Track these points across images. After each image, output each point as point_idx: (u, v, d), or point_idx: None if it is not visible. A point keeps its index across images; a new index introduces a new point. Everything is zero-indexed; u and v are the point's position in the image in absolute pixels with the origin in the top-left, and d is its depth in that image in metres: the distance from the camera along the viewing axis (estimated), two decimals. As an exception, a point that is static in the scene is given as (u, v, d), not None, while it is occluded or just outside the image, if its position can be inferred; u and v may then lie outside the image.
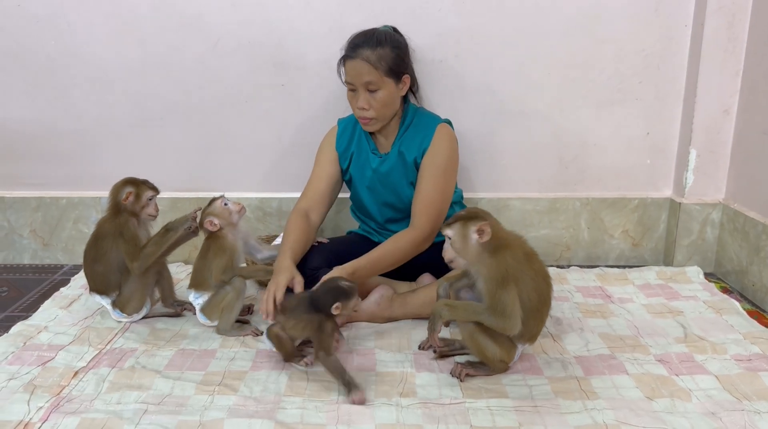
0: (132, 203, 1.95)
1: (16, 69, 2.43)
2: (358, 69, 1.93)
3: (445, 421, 1.50)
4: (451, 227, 1.62)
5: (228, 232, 1.94)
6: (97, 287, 2.00)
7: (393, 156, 2.07)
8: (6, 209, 2.58)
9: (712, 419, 1.49)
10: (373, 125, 2.03)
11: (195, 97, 2.46)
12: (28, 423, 1.50)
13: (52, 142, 2.52)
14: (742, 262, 2.30)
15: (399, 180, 2.07)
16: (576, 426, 1.48)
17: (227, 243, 1.93)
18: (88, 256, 1.99)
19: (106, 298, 2.01)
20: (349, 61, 1.95)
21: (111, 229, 1.95)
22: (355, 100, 1.99)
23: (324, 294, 1.70)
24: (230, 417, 1.52)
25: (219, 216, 1.91)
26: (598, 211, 2.54)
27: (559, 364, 1.76)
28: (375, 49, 1.93)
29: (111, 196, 1.97)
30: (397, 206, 2.12)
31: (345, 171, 2.16)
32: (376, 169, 2.09)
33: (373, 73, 1.92)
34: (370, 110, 1.98)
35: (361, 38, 1.97)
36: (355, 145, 2.13)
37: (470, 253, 1.61)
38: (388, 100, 1.98)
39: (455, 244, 1.61)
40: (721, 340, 1.87)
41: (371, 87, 1.94)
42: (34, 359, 1.79)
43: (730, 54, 2.30)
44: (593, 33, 2.37)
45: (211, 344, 1.89)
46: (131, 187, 1.96)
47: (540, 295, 1.62)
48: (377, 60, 1.92)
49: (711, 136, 2.38)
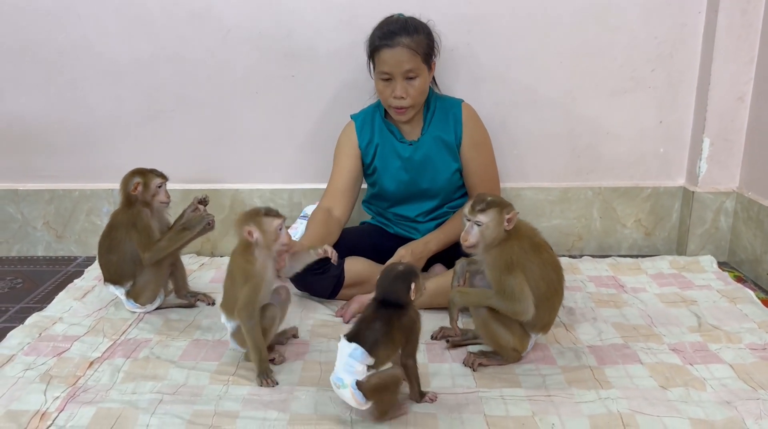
0: (142, 193, 1.96)
1: (28, 63, 2.44)
2: (399, 57, 1.93)
3: (459, 410, 1.51)
4: (487, 214, 1.58)
5: (261, 255, 1.65)
6: (112, 277, 2.01)
7: (427, 141, 2.09)
8: (19, 202, 2.59)
9: (727, 408, 1.49)
10: (408, 114, 2.04)
11: (205, 89, 2.46)
12: (45, 413, 1.51)
13: (64, 134, 2.53)
14: (756, 251, 2.28)
15: (440, 163, 2.09)
16: (590, 415, 1.48)
17: (254, 269, 1.64)
18: (103, 247, 2.01)
19: (120, 288, 2.02)
20: (386, 49, 1.94)
21: (124, 219, 1.96)
22: (389, 90, 1.99)
23: (392, 284, 1.48)
24: (245, 407, 1.53)
25: (263, 232, 1.64)
26: (611, 200, 2.53)
27: (573, 354, 1.76)
28: (413, 36, 1.94)
29: (122, 188, 1.98)
30: (430, 191, 2.12)
31: (369, 164, 2.16)
32: (410, 157, 2.10)
33: (414, 60, 1.94)
34: (408, 98, 1.98)
35: (395, 26, 1.96)
36: (378, 136, 2.13)
37: (496, 240, 1.59)
38: (424, 87, 2.00)
39: (487, 229, 1.58)
40: (735, 330, 1.86)
41: (411, 74, 1.96)
42: (50, 350, 1.81)
43: (743, 41, 2.27)
44: (605, 21, 2.35)
45: (225, 335, 1.90)
46: (138, 177, 1.96)
47: (549, 285, 1.62)
48: (416, 47, 1.94)
49: (725, 124, 2.36)
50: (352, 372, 1.40)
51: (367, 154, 2.14)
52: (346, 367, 1.40)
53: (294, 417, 1.49)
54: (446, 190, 2.12)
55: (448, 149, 2.09)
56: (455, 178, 2.12)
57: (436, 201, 2.14)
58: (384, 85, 2.00)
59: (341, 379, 1.41)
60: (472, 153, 2.10)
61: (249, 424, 1.46)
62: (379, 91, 2.03)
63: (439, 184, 2.11)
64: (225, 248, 2.60)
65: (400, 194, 2.15)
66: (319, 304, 2.10)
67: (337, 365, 1.43)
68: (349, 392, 1.40)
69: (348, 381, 1.40)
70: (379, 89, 2.03)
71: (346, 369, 1.40)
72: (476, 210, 1.58)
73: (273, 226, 1.65)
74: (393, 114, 2.06)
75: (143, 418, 1.48)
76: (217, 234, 2.58)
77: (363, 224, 2.32)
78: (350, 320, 1.97)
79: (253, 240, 1.63)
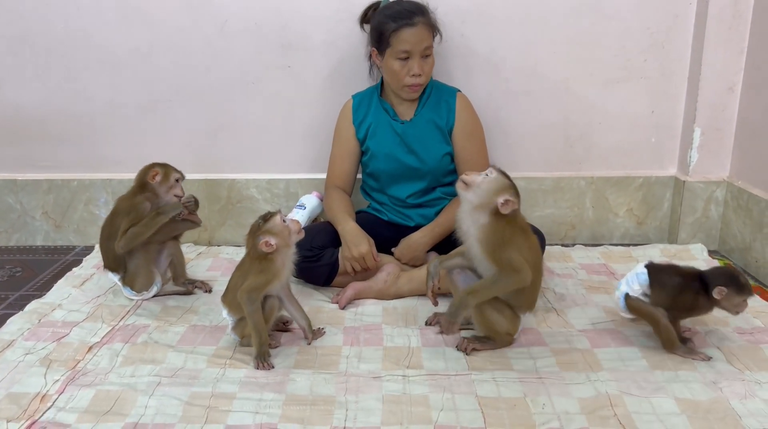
0: (159, 183, 1.99)
1: (26, 52, 2.46)
2: (421, 35, 2.03)
3: (451, 390, 1.54)
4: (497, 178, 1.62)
5: (280, 254, 1.68)
6: (110, 264, 2.04)
7: (421, 122, 2.16)
8: (18, 191, 2.61)
9: (713, 388, 1.52)
10: (419, 91, 2.14)
11: (202, 79, 2.48)
12: (45, 395, 1.54)
13: (63, 124, 2.55)
14: (746, 239, 2.32)
15: (431, 143, 2.15)
16: (579, 397, 1.51)
17: (274, 267, 1.67)
18: (104, 233, 2.03)
19: (117, 275, 2.05)
20: (408, 28, 2.02)
21: (125, 206, 1.99)
22: (406, 69, 2.06)
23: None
24: (242, 389, 1.56)
25: (277, 235, 1.66)
26: (603, 189, 2.56)
27: (564, 338, 1.79)
28: (426, 14, 2.07)
29: (138, 177, 2.02)
30: (420, 171, 2.17)
31: (362, 141, 2.23)
32: (402, 133, 2.16)
33: (430, 38, 2.07)
34: (423, 76, 2.09)
35: (409, 6, 2.06)
36: (373, 115, 2.20)
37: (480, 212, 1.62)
38: (433, 64, 2.11)
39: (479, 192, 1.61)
40: (723, 314, 1.89)
41: (427, 52, 2.07)
42: (49, 335, 1.83)
43: (734, 31, 2.30)
44: (599, 10, 2.37)
45: (222, 321, 1.92)
46: (159, 167, 2.01)
47: (534, 265, 1.66)
48: (432, 24, 2.08)
49: (715, 113, 2.39)
50: (629, 286, 1.71)
51: (361, 130, 2.21)
52: (629, 279, 1.71)
53: (290, 398, 1.52)
54: (436, 171, 2.17)
55: (439, 132, 2.15)
56: (445, 160, 2.16)
57: (425, 182, 2.18)
58: (401, 64, 2.06)
59: (620, 284, 1.74)
60: (464, 142, 2.16)
61: (245, 405, 1.50)
62: (395, 72, 2.07)
63: (429, 164, 2.15)
64: (222, 238, 2.63)
65: (390, 172, 2.20)
66: (315, 291, 2.13)
67: (627, 274, 1.74)
68: (617, 297, 1.73)
69: (622, 289, 1.72)
70: (394, 69, 2.07)
71: (628, 281, 1.71)
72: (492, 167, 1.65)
73: (278, 224, 1.67)
74: (405, 93, 2.13)
75: (142, 400, 1.52)
76: (214, 223, 2.60)
77: (359, 213, 2.35)
78: (346, 306, 2.00)
79: (274, 247, 1.65)
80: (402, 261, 2.13)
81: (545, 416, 1.45)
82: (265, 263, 1.67)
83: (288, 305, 1.78)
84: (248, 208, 2.60)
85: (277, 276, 1.68)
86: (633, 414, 1.44)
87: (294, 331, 1.86)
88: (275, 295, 1.73)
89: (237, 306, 1.70)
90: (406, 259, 2.13)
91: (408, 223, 2.21)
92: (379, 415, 1.46)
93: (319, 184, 2.52)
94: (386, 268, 2.08)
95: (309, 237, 2.02)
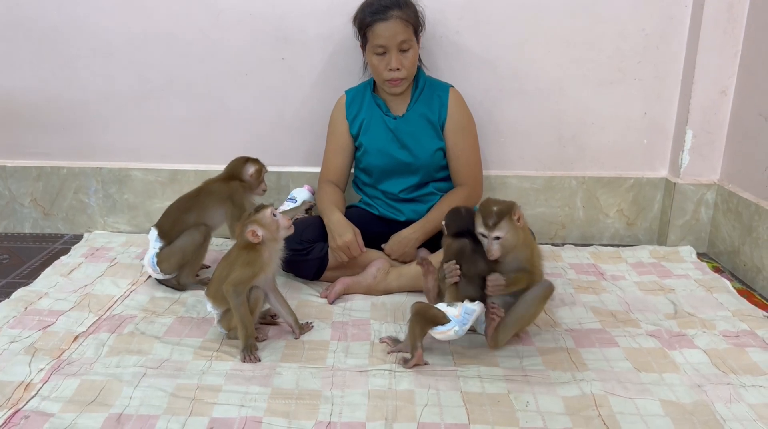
0: (255, 179, 2.12)
1: (20, 39, 2.44)
2: (394, 29, 2.02)
3: (436, 386, 1.54)
4: (501, 226, 1.60)
5: (267, 247, 1.70)
6: (167, 231, 2.04)
7: (413, 117, 2.16)
8: (7, 178, 2.60)
9: (697, 391, 1.53)
10: (402, 86, 2.12)
11: (196, 70, 2.47)
12: (29, 384, 1.54)
13: (54, 112, 2.53)
14: (735, 243, 2.33)
15: (424, 138, 2.15)
16: (564, 396, 1.51)
17: (260, 260, 1.69)
18: (182, 204, 2.07)
19: (161, 242, 2.03)
20: (381, 23, 2.02)
21: (222, 190, 2.08)
22: (384, 63, 2.06)
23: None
24: (227, 382, 1.56)
25: (265, 227, 1.69)
26: (594, 190, 2.57)
27: (550, 336, 1.79)
28: (403, 8, 2.04)
29: (231, 168, 2.13)
30: (412, 166, 2.17)
31: (355, 137, 2.22)
32: (395, 128, 2.16)
33: (407, 32, 2.04)
34: (402, 70, 2.07)
35: (386, 1, 2.04)
36: (366, 111, 2.20)
37: (519, 241, 1.64)
38: (415, 58, 2.10)
39: (507, 240, 1.62)
40: (710, 317, 1.90)
41: (404, 46, 2.04)
42: (35, 323, 1.83)
43: (729, 35, 2.30)
44: (594, 11, 2.37)
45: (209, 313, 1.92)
46: (256, 165, 2.13)
47: None
48: (408, 18, 2.04)
49: (708, 116, 2.40)
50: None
51: (354, 125, 2.21)
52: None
53: (276, 392, 1.52)
54: (428, 166, 2.16)
55: (432, 127, 2.15)
56: (438, 156, 2.16)
57: (417, 177, 2.18)
58: (378, 59, 2.06)
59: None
60: (456, 137, 2.15)
61: (231, 398, 1.49)
62: (374, 66, 2.09)
63: (421, 159, 2.15)
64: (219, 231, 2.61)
65: (383, 167, 2.19)
66: (304, 285, 2.13)
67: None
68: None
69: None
70: (373, 64, 2.09)
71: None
72: (491, 225, 1.61)
73: (267, 216, 1.69)
74: (387, 87, 2.12)
75: (126, 391, 1.51)
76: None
77: (350, 208, 2.34)
78: (335, 301, 2.00)
79: (260, 238, 1.66)
80: (392, 257, 2.13)
81: (529, 414, 1.45)
82: (252, 255, 1.68)
83: (273, 300, 1.78)
84: (239, 200, 2.59)
85: (263, 269, 1.69)
86: (617, 415, 1.45)
87: (282, 324, 1.85)
88: (260, 287, 1.73)
89: (221, 298, 1.70)
90: (396, 254, 2.13)
91: (399, 217, 2.21)
92: (364, 410, 1.46)
93: (310, 177, 2.51)
94: (375, 264, 2.07)
95: (299, 231, 2.02)
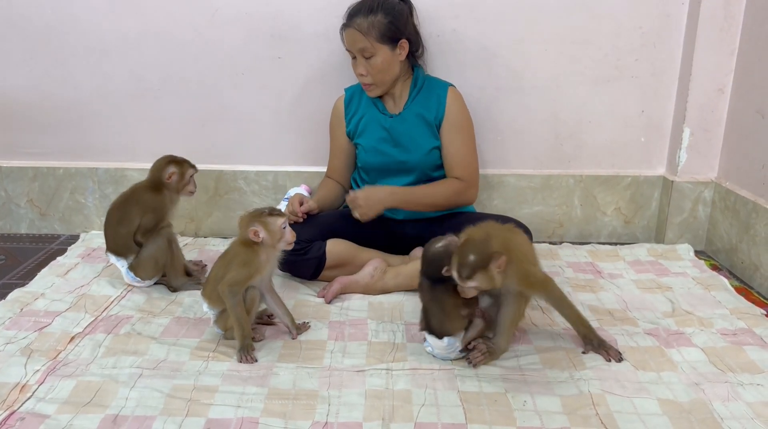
0: (176, 182, 2.03)
1: (14, 38, 2.43)
2: (352, 37, 2.04)
3: (434, 386, 1.54)
4: (475, 279, 1.50)
5: (264, 250, 1.68)
6: (117, 249, 2.04)
7: (410, 116, 2.16)
8: (3, 179, 2.59)
9: (695, 390, 1.53)
10: (374, 90, 2.13)
11: (192, 68, 2.46)
12: (25, 385, 1.53)
13: (50, 111, 2.52)
14: (732, 240, 2.33)
15: (419, 138, 2.15)
16: (561, 395, 1.51)
17: (257, 261, 1.68)
18: (113, 217, 2.03)
19: (123, 260, 2.04)
20: (345, 29, 2.07)
21: (148, 200, 2.01)
22: (355, 67, 2.10)
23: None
24: (224, 382, 1.55)
25: (269, 232, 1.66)
26: (592, 188, 2.56)
27: (548, 336, 1.79)
28: (367, 16, 2.02)
29: (153, 172, 2.04)
30: (407, 165, 2.16)
31: (352, 137, 2.24)
32: (390, 127, 2.16)
33: (365, 41, 2.03)
34: (368, 76, 2.08)
35: (356, 6, 2.07)
36: (364, 109, 2.21)
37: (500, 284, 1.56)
38: (384, 66, 2.07)
39: (483, 286, 1.53)
40: (708, 315, 1.90)
41: (365, 54, 2.05)
42: (31, 324, 1.82)
43: (725, 33, 2.30)
44: (591, 9, 2.37)
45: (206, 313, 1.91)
46: (174, 166, 2.03)
47: None
48: (368, 27, 2.02)
49: (705, 114, 2.39)
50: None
51: (352, 123, 2.22)
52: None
53: (272, 392, 1.52)
54: (423, 165, 2.16)
55: (428, 126, 2.14)
56: (433, 154, 2.15)
57: (413, 176, 2.17)
58: (352, 62, 2.12)
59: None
60: (452, 136, 2.14)
61: (227, 399, 1.49)
62: (352, 68, 2.14)
63: (417, 158, 2.14)
64: (208, 229, 2.62)
65: (378, 166, 2.19)
66: (301, 285, 2.12)
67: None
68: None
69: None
70: (352, 66, 2.13)
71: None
72: (464, 277, 1.50)
73: (278, 224, 1.67)
74: (364, 90, 2.16)
75: (123, 391, 1.51)
76: (201, 214, 2.59)
77: (345, 208, 2.34)
78: (332, 300, 2.00)
79: (260, 239, 1.65)
80: (351, 204, 2.05)
81: (526, 414, 1.45)
82: (250, 254, 1.67)
83: (270, 301, 1.78)
84: (235, 200, 2.59)
85: (259, 270, 1.68)
86: (615, 414, 1.45)
87: (279, 324, 1.85)
88: (256, 288, 1.73)
89: (217, 298, 1.69)
90: (358, 202, 2.02)
91: (396, 216, 2.20)
92: (361, 410, 1.45)
93: (308, 176, 2.51)
94: (372, 263, 2.07)
95: (296, 230, 2.01)
